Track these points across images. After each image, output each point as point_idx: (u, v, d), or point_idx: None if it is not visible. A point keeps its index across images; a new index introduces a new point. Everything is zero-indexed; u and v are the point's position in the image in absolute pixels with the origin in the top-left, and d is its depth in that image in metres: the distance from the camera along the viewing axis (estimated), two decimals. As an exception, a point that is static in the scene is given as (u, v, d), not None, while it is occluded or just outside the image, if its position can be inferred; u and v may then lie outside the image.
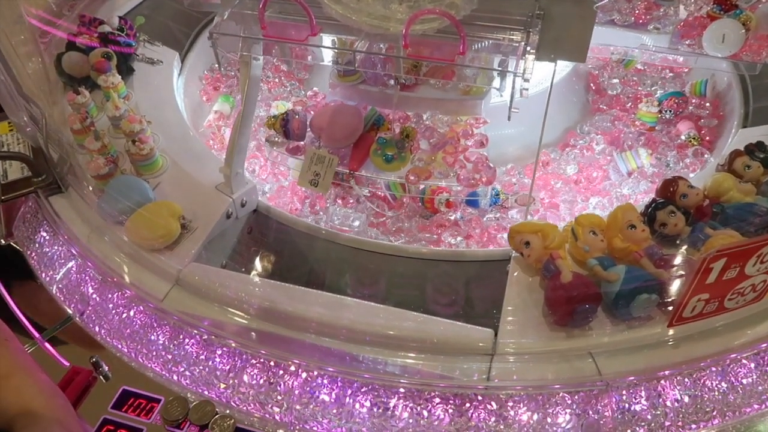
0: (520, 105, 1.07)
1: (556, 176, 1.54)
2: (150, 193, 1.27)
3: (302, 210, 1.47)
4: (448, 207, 1.39)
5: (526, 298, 1.06)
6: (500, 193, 1.42)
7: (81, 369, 1.08)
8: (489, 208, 1.41)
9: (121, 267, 1.17)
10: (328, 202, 1.47)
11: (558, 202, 1.47)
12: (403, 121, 1.33)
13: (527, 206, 1.40)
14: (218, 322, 1.08)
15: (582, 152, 1.59)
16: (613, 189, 1.50)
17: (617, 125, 1.66)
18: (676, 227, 1.09)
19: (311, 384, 1.00)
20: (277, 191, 1.54)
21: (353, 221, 1.38)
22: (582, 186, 1.53)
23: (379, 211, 1.38)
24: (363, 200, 1.44)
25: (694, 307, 0.94)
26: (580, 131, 1.66)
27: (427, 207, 1.41)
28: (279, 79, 1.80)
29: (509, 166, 1.56)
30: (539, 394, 0.95)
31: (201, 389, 1.03)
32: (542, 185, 1.51)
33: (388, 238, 1.37)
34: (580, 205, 1.46)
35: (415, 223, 1.42)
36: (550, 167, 1.56)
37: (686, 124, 1.59)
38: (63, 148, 1.37)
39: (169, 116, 1.56)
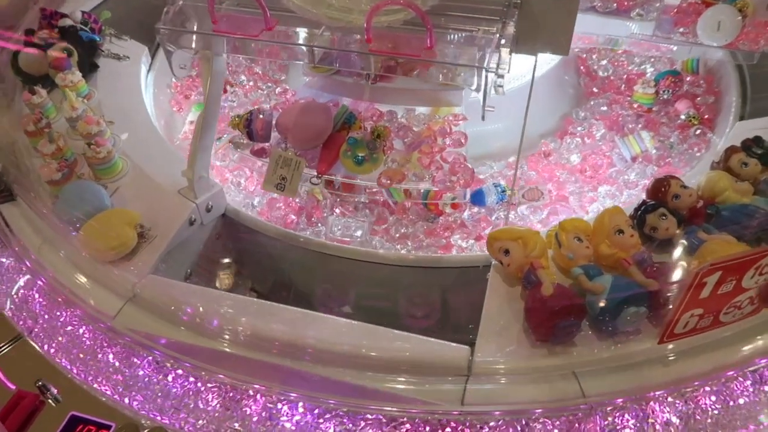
0: (510, 97, 0.99)
1: (560, 167, 1.46)
2: (106, 199, 1.19)
3: (299, 223, 1.38)
4: (454, 208, 1.31)
5: (506, 311, 0.98)
6: (506, 189, 1.34)
7: (27, 393, 1.00)
8: (496, 205, 1.34)
9: (71, 281, 1.09)
10: (326, 212, 1.38)
11: (566, 194, 1.40)
12: (376, 119, 1.24)
13: (537, 200, 1.32)
14: (173, 342, 1.00)
15: (583, 140, 1.52)
16: (619, 176, 1.43)
17: (614, 108, 1.59)
18: (667, 231, 1.01)
19: (271, 410, 0.92)
20: (268, 204, 1.44)
21: (355, 231, 1.30)
22: (588, 175, 1.46)
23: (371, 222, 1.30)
24: (362, 207, 1.36)
25: (686, 322, 0.86)
26: (576, 117, 1.59)
27: (431, 209, 1.33)
28: (254, 82, 1.71)
29: (511, 160, 1.48)
30: (518, 419, 0.87)
31: (154, 414, 0.96)
32: (548, 177, 1.44)
33: (393, 246, 1.29)
34: (590, 195, 1.39)
35: (420, 228, 1.34)
36: (552, 157, 1.48)
37: (684, 103, 1.51)
38: (16, 152, 1.29)
39: (135, 116, 1.47)
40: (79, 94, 1.44)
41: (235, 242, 1.35)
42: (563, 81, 1.66)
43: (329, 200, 1.38)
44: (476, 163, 1.46)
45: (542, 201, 1.36)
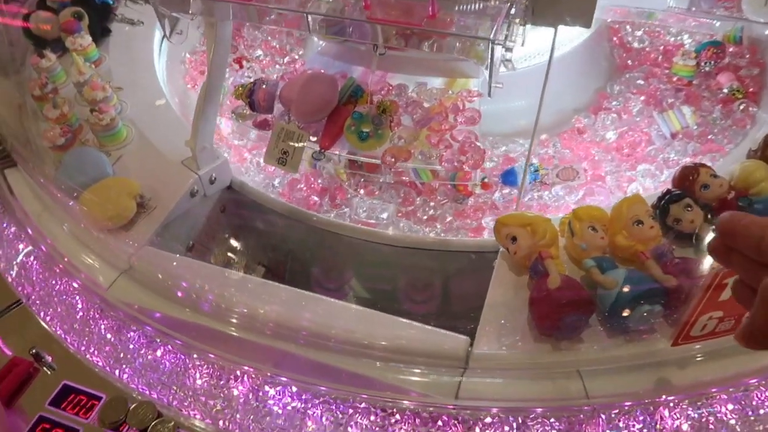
0: (541, 71, 0.91)
1: (595, 144, 1.38)
2: (108, 167, 1.17)
3: (321, 204, 1.32)
4: (485, 188, 1.24)
5: (511, 301, 0.92)
6: (539, 168, 1.28)
7: (21, 360, 1.00)
8: (529, 185, 1.27)
9: (68, 250, 1.07)
10: (349, 193, 1.32)
11: (602, 173, 1.32)
12: (384, 93, 1.18)
13: (572, 180, 1.24)
14: (165, 316, 0.98)
15: (619, 116, 1.43)
16: (659, 154, 1.34)
17: (651, 82, 1.49)
18: (692, 224, 0.93)
19: (258, 392, 0.89)
20: (289, 184, 1.38)
21: (381, 213, 1.24)
22: (625, 153, 1.37)
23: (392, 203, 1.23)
24: (387, 188, 1.30)
25: (704, 325, 0.78)
26: (611, 92, 1.50)
27: (459, 190, 1.26)
28: (270, 57, 1.65)
29: (543, 137, 1.41)
30: (515, 416, 0.82)
31: (143, 389, 0.94)
32: (583, 156, 1.36)
33: (422, 229, 1.23)
34: (628, 175, 1.30)
35: (449, 209, 1.28)
36: (586, 135, 1.40)
37: (727, 76, 1.40)
38: (23, 117, 1.27)
39: (145, 83, 1.44)
40: (88, 58, 1.41)
41: (240, 216, 1.32)
42: (596, 53, 1.56)
43: (353, 181, 1.32)
44: (506, 140, 1.40)
45: (578, 181, 1.28)
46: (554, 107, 1.44)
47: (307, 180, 1.37)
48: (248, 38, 1.69)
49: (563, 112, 1.46)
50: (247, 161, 1.44)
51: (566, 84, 1.45)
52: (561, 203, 1.26)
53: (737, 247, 0.54)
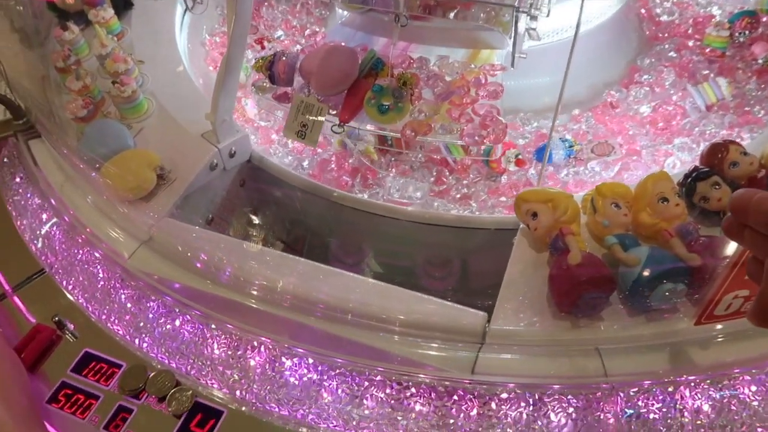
0: (567, 47, 0.89)
1: (628, 118, 1.35)
2: (129, 139, 1.17)
3: (353, 185, 1.30)
4: (519, 165, 1.23)
5: (530, 277, 0.91)
6: (574, 144, 1.25)
7: (44, 327, 1.02)
8: (563, 161, 1.25)
9: (90, 220, 1.08)
10: (381, 172, 1.30)
11: (637, 148, 1.29)
12: (406, 66, 1.16)
13: (608, 155, 1.22)
14: (184, 287, 0.99)
15: (652, 89, 1.39)
16: (695, 127, 1.32)
17: (683, 54, 1.45)
18: (719, 202, 0.91)
19: (275, 363, 0.89)
20: (320, 165, 1.35)
21: (414, 192, 1.23)
22: (660, 127, 1.34)
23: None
24: (419, 167, 1.28)
25: (729, 304, 0.77)
26: (641, 64, 1.46)
27: (493, 167, 1.24)
28: (292, 37, 1.62)
29: (576, 112, 1.39)
30: (531, 392, 0.81)
31: (162, 358, 0.95)
32: (617, 130, 1.33)
33: (455, 207, 1.21)
34: (664, 149, 1.28)
35: (483, 187, 1.25)
36: (618, 109, 1.37)
37: (762, 46, 1.35)
38: (46, 89, 1.28)
39: (166, 55, 1.44)
40: (110, 31, 1.41)
41: (259, 190, 1.32)
42: (625, 27, 1.52)
43: (384, 160, 1.30)
44: (538, 116, 1.38)
45: (613, 156, 1.26)
46: (585, 81, 1.42)
47: (338, 160, 1.34)
48: (268, 18, 1.67)
49: (594, 86, 1.44)
50: (275, 142, 1.42)
51: (596, 58, 1.43)
52: (597, 179, 1.24)
53: (749, 223, 0.53)
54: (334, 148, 1.34)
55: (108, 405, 0.92)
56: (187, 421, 0.88)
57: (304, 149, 1.38)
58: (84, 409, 0.92)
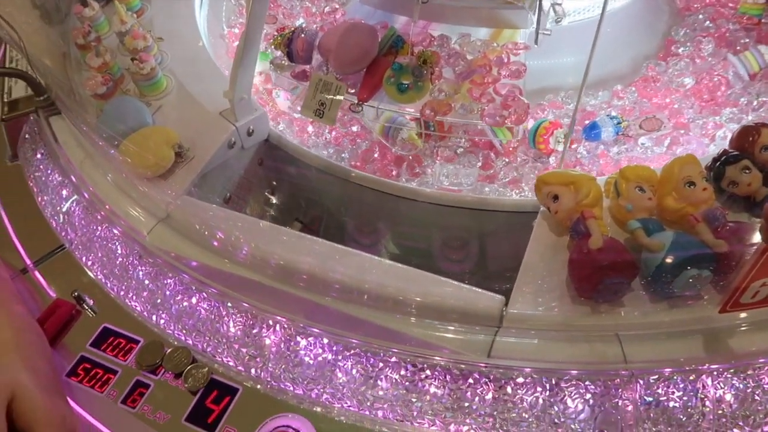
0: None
1: (671, 92, 1.32)
2: (148, 116, 1.17)
3: (399, 174, 1.27)
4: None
5: (549, 261, 0.90)
6: (621, 120, 1.22)
7: (64, 302, 1.03)
8: (612, 138, 1.22)
9: (109, 197, 1.09)
10: (427, 160, 1.26)
11: (684, 121, 1.26)
12: (426, 44, 1.13)
13: (657, 130, 1.20)
14: (202, 265, 0.99)
15: (693, 60, 1.36)
16: (740, 97, 1.28)
17: (719, 24, 1.41)
18: (749, 187, 0.88)
19: (290, 342, 0.89)
20: (362, 156, 1.31)
21: (464, 178, 1.19)
22: (705, 99, 1.30)
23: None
24: (463, 153, 1.24)
25: (756, 291, 0.74)
26: (676, 35, 1.43)
27: (540, 149, 1.21)
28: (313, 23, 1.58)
29: (618, 87, 1.36)
30: (548, 377, 0.80)
31: (179, 335, 0.96)
32: (661, 104, 1.30)
33: (506, 192, 1.19)
34: (713, 120, 1.24)
35: (532, 170, 1.22)
36: (659, 83, 1.34)
37: None
38: (67, 66, 1.29)
39: (185, 32, 1.43)
40: (130, 8, 1.41)
41: (277, 169, 1.31)
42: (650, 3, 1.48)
43: (428, 146, 1.26)
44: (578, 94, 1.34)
45: (663, 130, 1.22)
46: (622, 56, 1.40)
47: (382, 149, 1.31)
48: (286, 6, 1.63)
49: (632, 60, 1.41)
50: (310, 134, 1.39)
51: (630, 32, 1.40)
52: (650, 155, 1.21)
53: None
54: (375, 136, 1.30)
55: (126, 380, 0.93)
56: (203, 398, 0.89)
57: (343, 140, 1.35)
58: (102, 383, 0.93)
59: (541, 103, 1.32)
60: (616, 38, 1.37)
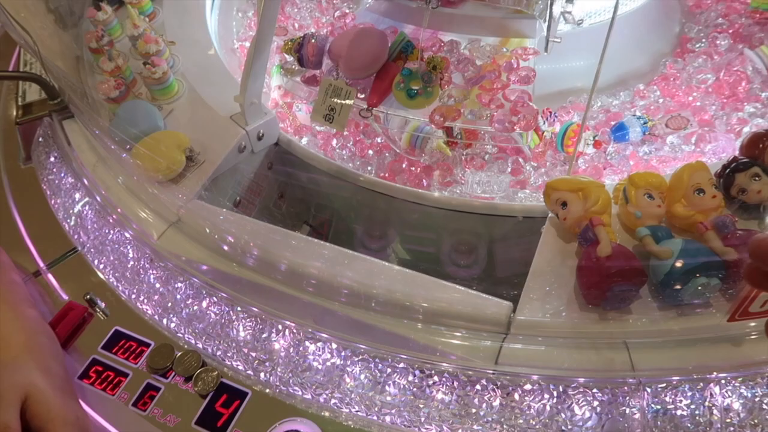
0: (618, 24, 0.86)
1: (692, 89, 1.32)
2: (159, 120, 1.18)
3: (429, 185, 1.28)
4: (597, 147, 1.20)
5: (558, 268, 0.90)
6: (648, 120, 1.23)
7: (76, 305, 1.04)
8: (640, 139, 1.23)
9: (121, 201, 1.10)
10: (457, 168, 1.26)
11: (708, 118, 1.26)
12: (436, 49, 1.13)
13: (684, 128, 1.20)
14: (212, 269, 1.00)
15: (710, 56, 1.36)
16: (762, 92, 1.28)
17: (732, 19, 1.41)
18: (759, 195, 0.87)
19: (299, 347, 0.90)
20: (390, 167, 1.28)
21: (496, 185, 1.20)
22: (726, 95, 1.31)
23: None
24: (491, 159, 1.25)
25: (765, 301, 0.74)
26: (688, 32, 1.44)
27: (568, 152, 1.22)
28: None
29: (641, 87, 1.36)
30: (555, 385, 0.80)
31: (189, 338, 0.97)
32: (684, 102, 1.31)
33: (539, 197, 1.19)
34: (736, 116, 1.25)
35: (559, 174, 1.23)
36: (679, 81, 1.35)
37: None
38: (80, 69, 1.30)
39: (197, 36, 1.44)
40: (142, 12, 1.42)
41: (287, 173, 1.32)
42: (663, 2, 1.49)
43: (456, 155, 1.26)
44: (599, 94, 1.36)
45: (690, 128, 1.23)
46: (638, 57, 1.41)
47: (409, 159, 1.30)
48: (298, 18, 1.64)
49: (649, 60, 1.42)
50: (335, 148, 1.39)
51: (648, 31, 1.42)
52: (679, 154, 1.21)
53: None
54: (402, 146, 1.29)
55: (137, 382, 0.94)
56: (213, 401, 0.90)
57: (366, 151, 1.33)
58: (114, 385, 0.94)
59: (564, 105, 1.33)
60: (633, 38, 1.38)
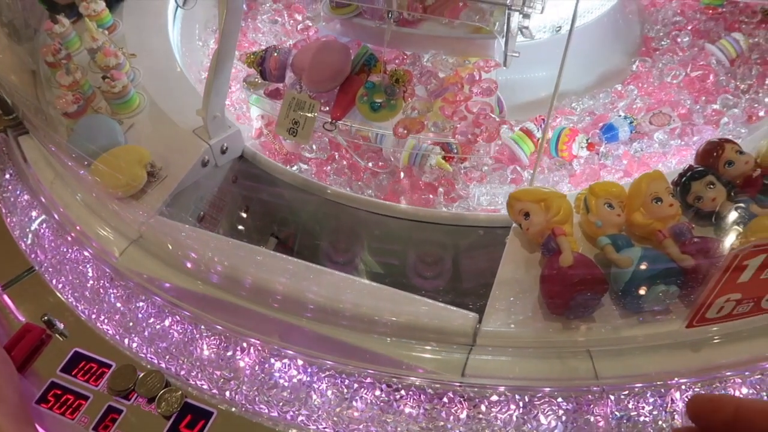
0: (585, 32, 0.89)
1: (666, 86, 1.38)
2: (119, 135, 1.16)
3: (434, 202, 1.27)
4: (591, 149, 1.24)
5: (522, 278, 0.90)
6: (633, 120, 1.28)
7: (34, 326, 1.01)
8: (628, 138, 1.27)
9: (79, 218, 1.08)
10: (459, 183, 1.25)
11: (685, 112, 1.31)
12: (399, 62, 1.14)
13: (668, 124, 1.27)
14: (175, 286, 0.98)
15: (674, 53, 1.44)
16: (729, 83, 1.36)
17: (688, 16, 1.49)
18: (713, 202, 0.90)
19: (265, 365, 0.89)
20: (391, 186, 1.26)
21: (500, 196, 1.20)
22: (697, 89, 1.37)
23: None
24: (491, 171, 1.25)
25: (721, 307, 0.76)
26: (651, 32, 1.51)
27: (563, 156, 1.24)
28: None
29: (618, 88, 1.42)
30: (521, 395, 0.81)
31: (151, 358, 0.94)
32: (661, 100, 1.36)
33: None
34: (710, 110, 1.31)
35: (561, 178, 1.25)
36: (651, 78, 1.41)
37: None
38: (36, 84, 1.27)
39: (158, 49, 1.42)
40: (101, 24, 1.40)
41: (252, 187, 1.31)
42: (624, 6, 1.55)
43: (456, 169, 1.25)
44: (582, 96, 1.41)
45: (673, 124, 1.28)
46: (611, 57, 1.47)
47: (409, 179, 1.27)
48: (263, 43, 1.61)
49: (621, 60, 1.48)
50: (330, 173, 1.34)
51: (614, 33, 1.47)
52: (667, 149, 1.26)
53: (711, 427, 0.49)
54: (401, 166, 1.27)
55: (97, 405, 0.91)
56: (177, 422, 0.88)
57: (361, 174, 1.31)
58: (73, 409, 0.92)
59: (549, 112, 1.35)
60: (603, 42, 1.44)
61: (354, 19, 1.17)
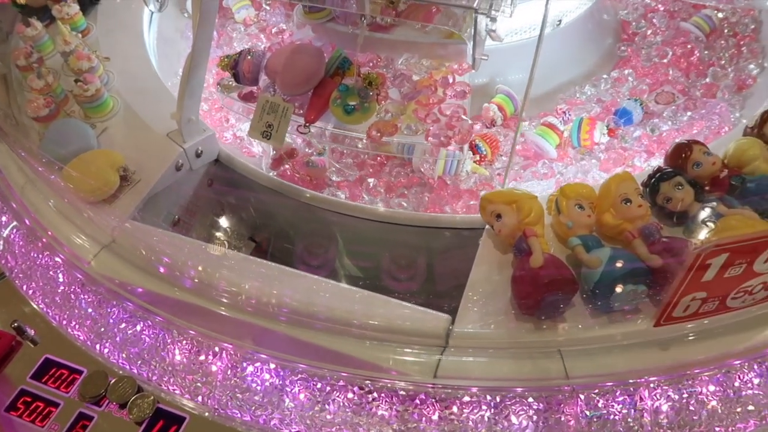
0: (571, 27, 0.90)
1: (659, 66, 1.44)
2: (92, 139, 1.15)
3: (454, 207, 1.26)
4: (611, 135, 1.29)
5: (494, 279, 0.91)
6: (642, 102, 1.34)
7: (3, 333, 1.00)
8: (640, 120, 1.33)
9: (51, 224, 1.06)
10: (496, 184, 1.24)
11: (683, 89, 1.39)
12: (373, 65, 1.14)
13: (673, 102, 1.35)
14: (147, 291, 0.97)
15: (654, 34, 1.51)
16: (711, 57, 1.44)
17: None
18: (682, 202, 0.91)
19: (237, 369, 0.88)
20: (432, 199, 1.24)
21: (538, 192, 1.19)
22: (685, 65, 1.44)
23: None
24: (519, 169, 1.28)
25: (687, 306, 0.77)
26: (628, 17, 1.58)
27: (585, 145, 1.29)
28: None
29: (614, 74, 1.46)
30: (493, 395, 0.81)
31: (123, 363, 0.94)
32: (658, 80, 1.42)
33: None
34: (702, 82, 1.39)
35: (581, 168, 1.29)
36: (640, 60, 1.47)
37: None
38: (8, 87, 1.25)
39: (132, 52, 1.41)
40: (75, 27, 1.38)
41: (228, 190, 1.30)
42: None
43: (491, 171, 1.27)
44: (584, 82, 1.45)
45: (678, 101, 1.34)
46: (598, 46, 1.52)
47: (441, 186, 1.26)
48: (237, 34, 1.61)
49: (608, 46, 1.53)
50: (362, 189, 1.30)
51: (596, 26, 1.51)
52: (679, 125, 1.32)
53: None
54: (435, 176, 1.25)
55: (68, 412, 0.90)
56: (149, 428, 0.87)
57: (385, 184, 1.28)
58: (44, 417, 0.91)
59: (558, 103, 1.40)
60: (587, 35, 1.48)
61: (327, 24, 1.17)
